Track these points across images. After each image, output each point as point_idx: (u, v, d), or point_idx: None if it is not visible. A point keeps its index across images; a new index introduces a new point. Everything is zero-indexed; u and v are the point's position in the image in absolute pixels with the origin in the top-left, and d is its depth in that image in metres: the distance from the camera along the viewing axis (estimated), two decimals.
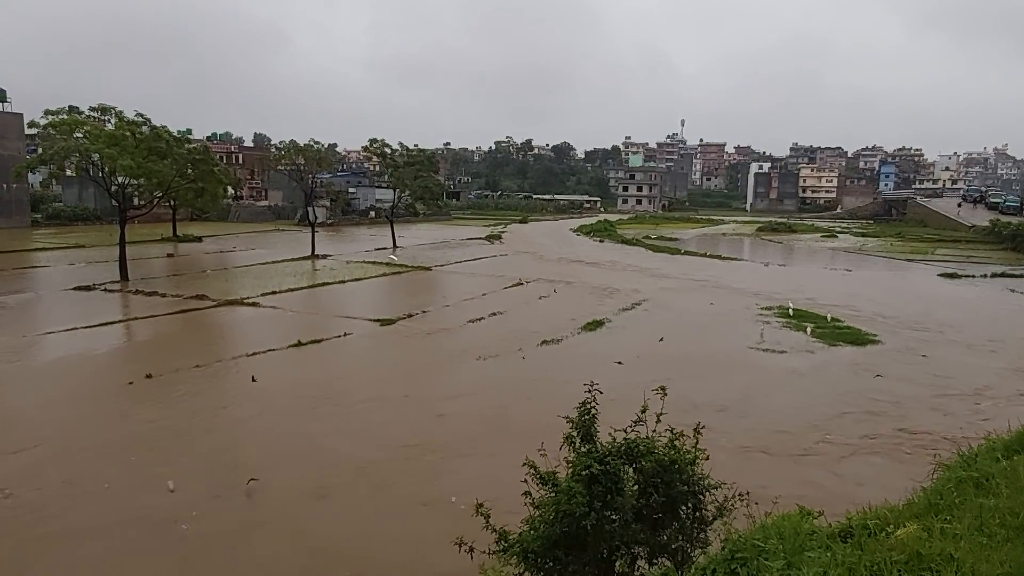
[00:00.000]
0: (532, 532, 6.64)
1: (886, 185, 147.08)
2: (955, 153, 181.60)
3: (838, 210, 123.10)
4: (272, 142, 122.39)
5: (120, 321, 24.94)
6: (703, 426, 7.20)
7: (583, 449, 6.67)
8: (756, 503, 6.53)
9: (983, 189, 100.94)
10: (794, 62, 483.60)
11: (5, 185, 60.72)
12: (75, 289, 30.82)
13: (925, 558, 4.43)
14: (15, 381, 17.55)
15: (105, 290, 30.94)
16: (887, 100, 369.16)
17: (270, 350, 20.30)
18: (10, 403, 15.93)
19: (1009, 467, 6.33)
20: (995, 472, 6.20)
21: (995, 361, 20.55)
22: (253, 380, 17.27)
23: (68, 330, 22.65)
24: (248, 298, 28.85)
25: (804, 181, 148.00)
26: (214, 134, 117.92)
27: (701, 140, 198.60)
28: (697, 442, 7.00)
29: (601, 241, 63.87)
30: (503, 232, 70.69)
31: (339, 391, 16.95)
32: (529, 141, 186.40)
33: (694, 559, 6.55)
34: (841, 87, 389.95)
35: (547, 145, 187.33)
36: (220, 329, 24.95)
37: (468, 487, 10.14)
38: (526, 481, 6.90)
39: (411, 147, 59.38)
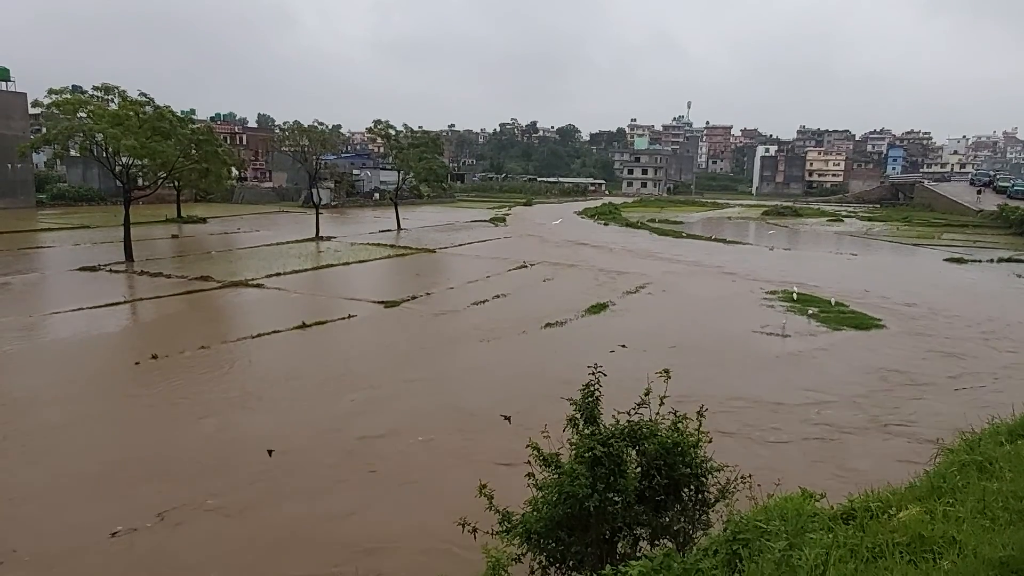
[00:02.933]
0: (535, 513, 6.69)
1: (893, 169, 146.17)
2: (964, 137, 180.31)
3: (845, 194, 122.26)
4: (276, 123, 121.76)
5: (126, 302, 25.03)
6: (706, 409, 7.22)
7: (586, 431, 6.70)
8: (759, 485, 6.56)
9: (992, 173, 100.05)
10: (802, 44, 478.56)
11: (10, 165, 60.70)
12: (80, 270, 30.92)
13: (927, 540, 4.45)
14: (24, 361, 17.65)
15: (111, 271, 31.02)
16: (896, 83, 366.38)
17: (274, 331, 20.37)
18: (22, 382, 16.03)
19: (1013, 451, 6.34)
20: (999, 456, 6.21)
21: (995, 344, 20.49)
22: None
23: (74, 310, 22.75)
24: (253, 279, 28.89)
25: (811, 165, 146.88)
26: (217, 115, 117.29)
27: (707, 123, 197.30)
28: (700, 425, 7.03)
29: (606, 224, 63.64)
30: (507, 215, 70.52)
31: (338, 373, 17.02)
32: (534, 123, 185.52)
33: (696, 540, 6.59)
34: (850, 69, 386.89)
35: (552, 127, 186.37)
36: (225, 310, 25.02)
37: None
38: (529, 462, 6.94)
39: (415, 129, 59.17)
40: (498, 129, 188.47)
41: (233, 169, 62.29)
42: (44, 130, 36.24)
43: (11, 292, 26.43)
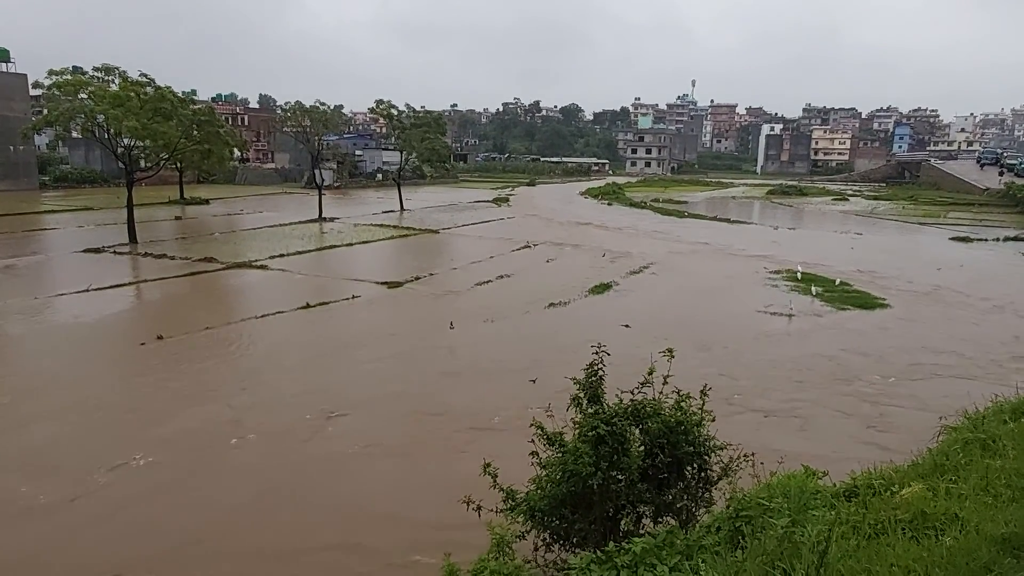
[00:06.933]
0: (539, 491, 6.74)
1: (900, 147, 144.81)
2: (971, 114, 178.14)
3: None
4: (278, 103, 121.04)
5: (130, 283, 25.10)
6: (709, 388, 7.22)
7: (590, 410, 6.72)
8: (762, 463, 6.58)
9: (999, 151, 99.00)
10: (809, 21, 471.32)
11: (12, 147, 60.55)
12: (85, 251, 30.97)
13: (930, 517, 4.47)
14: (29, 343, 17.75)
15: (114, 252, 31.08)
16: (904, 59, 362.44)
17: (278, 312, 20.43)
18: (28, 364, 16.14)
19: (1016, 429, 6.35)
20: (1002, 434, 6.22)
21: (1000, 326, 20.43)
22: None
23: (79, 292, 22.83)
24: (256, 261, 28.92)
25: (816, 143, 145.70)
26: (219, 95, 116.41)
27: (712, 101, 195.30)
28: (703, 404, 7.04)
29: (609, 204, 63.42)
30: (511, 195, 70.27)
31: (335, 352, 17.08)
32: (537, 103, 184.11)
33: (699, 518, 6.64)
34: (857, 46, 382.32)
35: (555, 107, 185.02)
36: (229, 291, 25.07)
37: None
38: (533, 441, 6.97)
39: (418, 109, 58.76)
40: (501, 109, 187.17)
41: (235, 150, 62.15)
42: (45, 112, 36.08)
43: (16, 274, 26.51)
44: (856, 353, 17.27)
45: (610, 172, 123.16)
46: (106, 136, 34.07)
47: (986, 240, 39.88)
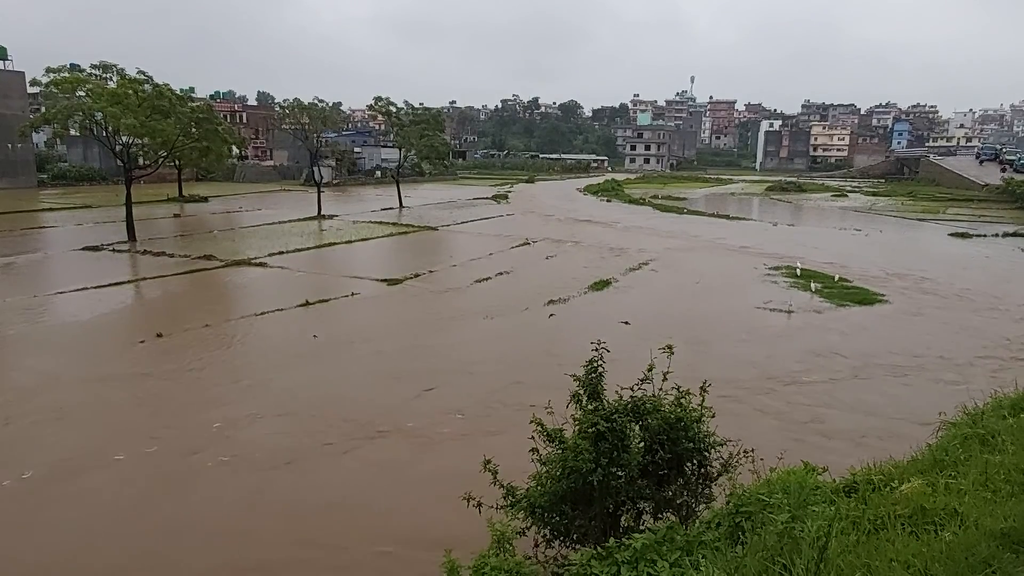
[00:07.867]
0: (539, 488, 6.75)
1: (899, 143, 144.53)
2: (971, 110, 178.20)
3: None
4: (276, 101, 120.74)
5: (129, 281, 25.07)
6: (709, 384, 7.23)
7: (590, 407, 6.72)
8: (762, 459, 6.59)
9: (998, 147, 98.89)
10: (808, 16, 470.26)
11: (10, 145, 60.43)
12: (83, 249, 30.93)
13: (929, 512, 4.48)
14: (28, 341, 17.72)
15: (113, 250, 31.04)
16: (903, 55, 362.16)
17: (278, 310, 20.42)
18: (26, 363, 16.12)
19: (1015, 424, 6.36)
20: (1001, 429, 6.23)
21: (993, 324, 20.45)
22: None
23: (78, 290, 22.80)
24: (255, 258, 28.90)
25: (815, 139, 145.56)
26: (217, 92, 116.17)
27: (711, 98, 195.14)
28: (703, 400, 7.05)
29: (608, 201, 63.41)
30: (509, 192, 70.24)
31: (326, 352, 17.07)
32: (536, 99, 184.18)
33: (699, 513, 6.65)
34: (856, 42, 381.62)
35: (554, 103, 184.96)
36: (228, 289, 25.04)
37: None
38: (533, 438, 6.98)
39: (417, 106, 58.74)
40: (500, 105, 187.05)
41: (234, 148, 62.07)
42: (43, 109, 35.99)
43: (15, 272, 26.49)
44: (849, 349, 17.29)
45: (609, 169, 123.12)
46: (104, 134, 34.00)
47: (985, 236, 39.89)
